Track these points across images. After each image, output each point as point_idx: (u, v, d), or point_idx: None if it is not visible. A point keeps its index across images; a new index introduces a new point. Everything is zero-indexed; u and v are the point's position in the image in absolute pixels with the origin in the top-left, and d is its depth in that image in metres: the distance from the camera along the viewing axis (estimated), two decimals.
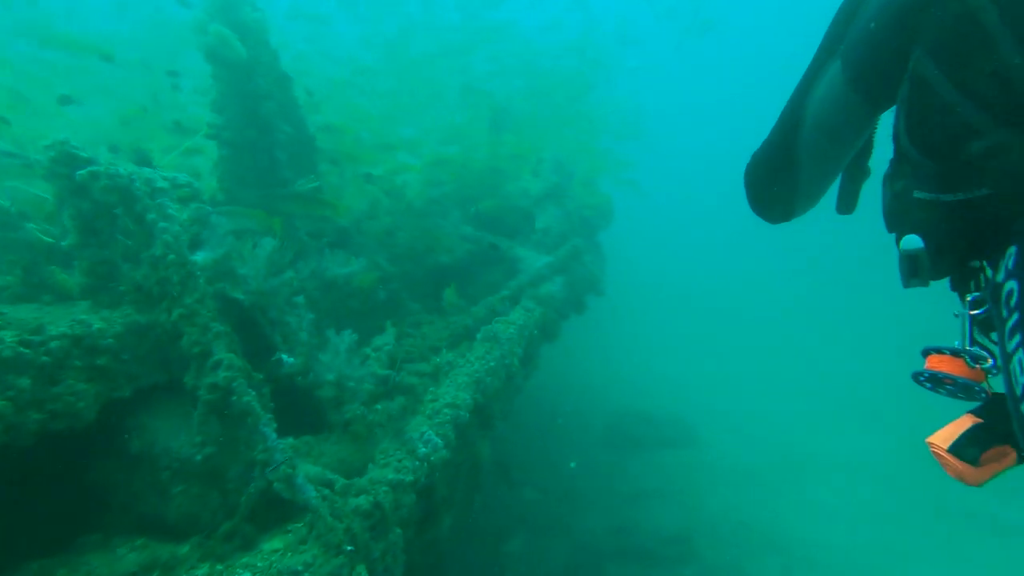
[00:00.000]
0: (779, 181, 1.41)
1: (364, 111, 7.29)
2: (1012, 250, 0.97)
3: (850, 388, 15.12)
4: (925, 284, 1.25)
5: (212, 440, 2.72)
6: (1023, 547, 8.11)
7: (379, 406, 3.47)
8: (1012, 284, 0.93)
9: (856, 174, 1.42)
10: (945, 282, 1.29)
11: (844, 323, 20.80)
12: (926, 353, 1.29)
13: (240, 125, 4.33)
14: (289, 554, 2.51)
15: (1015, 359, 0.90)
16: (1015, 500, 9.24)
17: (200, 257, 3.07)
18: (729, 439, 12.34)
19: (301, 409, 3.57)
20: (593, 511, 9.24)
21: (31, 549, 2.41)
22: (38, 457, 2.47)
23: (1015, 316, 0.90)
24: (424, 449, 3.15)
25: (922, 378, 1.27)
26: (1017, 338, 0.90)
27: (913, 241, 1.18)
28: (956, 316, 1.23)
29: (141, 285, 2.75)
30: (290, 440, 2.71)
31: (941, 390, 1.23)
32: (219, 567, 2.48)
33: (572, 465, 7.85)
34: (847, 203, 1.50)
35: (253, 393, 2.79)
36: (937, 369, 1.22)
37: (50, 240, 3.17)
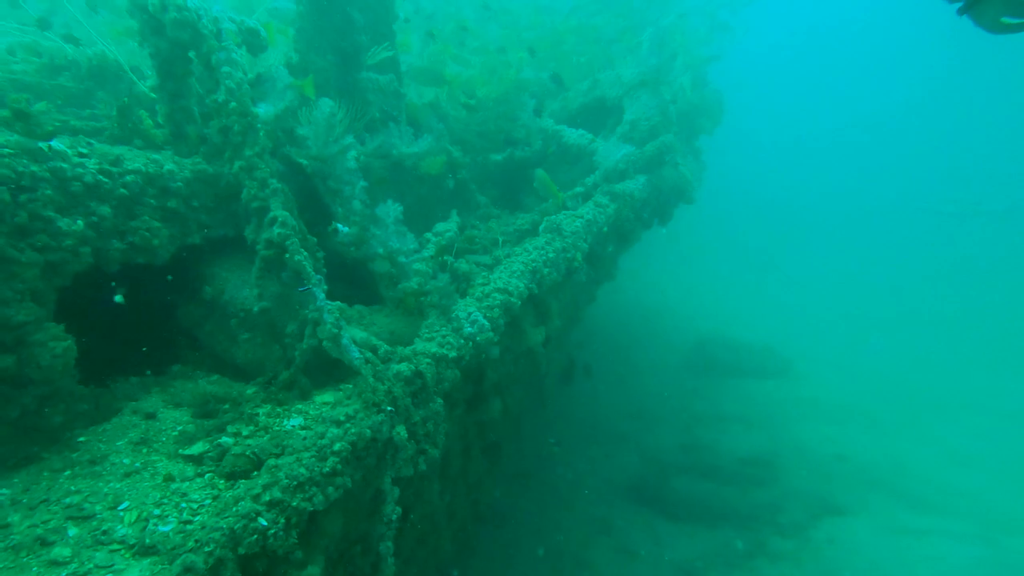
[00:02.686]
0: None
1: None
2: None
3: (982, 326, 12.80)
4: None
5: (269, 295, 2.87)
6: None
7: (430, 286, 3.46)
8: None
9: None
10: None
11: (979, 260, 17.31)
12: None
13: None
14: (338, 407, 2.66)
15: None
16: None
17: (261, 110, 3.07)
18: (833, 374, 11.26)
19: (359, 282, 3.68)
20: (666, 429, 9.12)
21: (134, 368, 2.80)
22: (131, 289, 2.77)
23: None
24: (470, 329, 3.10)
25: None
26: None
27: None
28: None
29: (206, 134, 2.83)
30: (339, 304, 2.79)
31: None
32: (279, 409, 2.70)
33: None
34: None
35: (305, 253, 2.85)
36: None
37: (145, 89, 3.34)
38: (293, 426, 2.46)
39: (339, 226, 3.35)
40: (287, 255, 2.81)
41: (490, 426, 3.97)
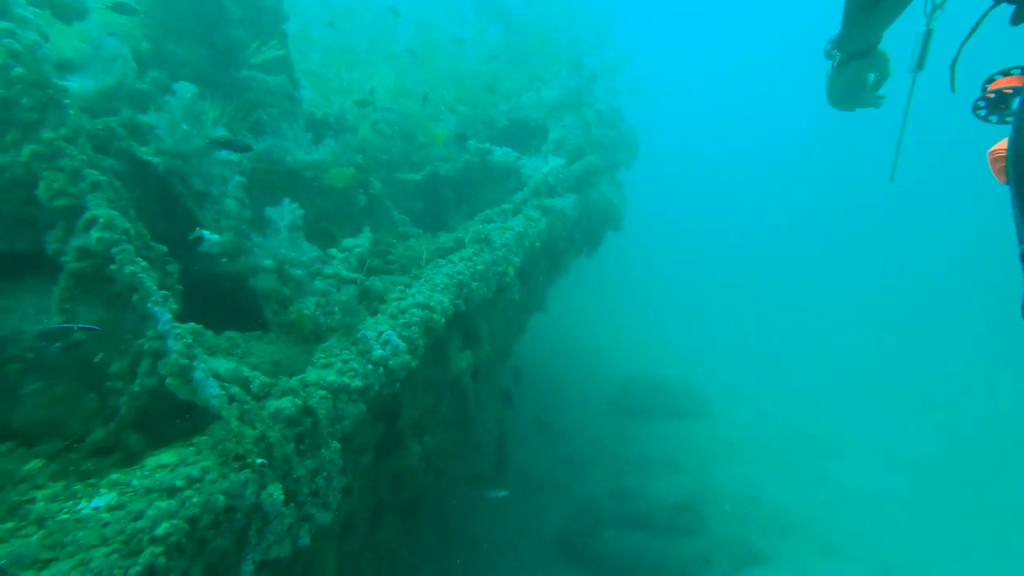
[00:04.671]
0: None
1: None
2: None
3: (881, 371, 14.36)
4: None
5: (82, 324, 2.04)
6: None
7: (336, 308, 2.76)
8: None
9: None
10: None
11: (875, 306, 19.80)
12: (989, 80, 1.51)
13: None
14: (179, 468, 1.85)
15: None
16: None
17: (75, 84, 2.30)
18: (745, 414, 11.74)
19: (238, 308, 2.88)
20: (595, 476, 8.78)
21: None
22: None
23: None
24: (381, 351, 2.44)
25: (982, 103, 1.51)
26: None
27: None
28: None
29: None
30: (194, 326, 2.03)
31: (994, 117, 1.46)
32: (78, 486, 1.80)
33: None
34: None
35: (143, 263, 2.08)
36: (1003, 85, 1.44)
37: None
38: (96, 508, 1.62)
39: (205, 233, 2.59)
40: (115, 267, 2.03)
41: (407, 478, 3.22)
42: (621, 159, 7.75)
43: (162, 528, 1.48)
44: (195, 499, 1.61)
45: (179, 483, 1.66)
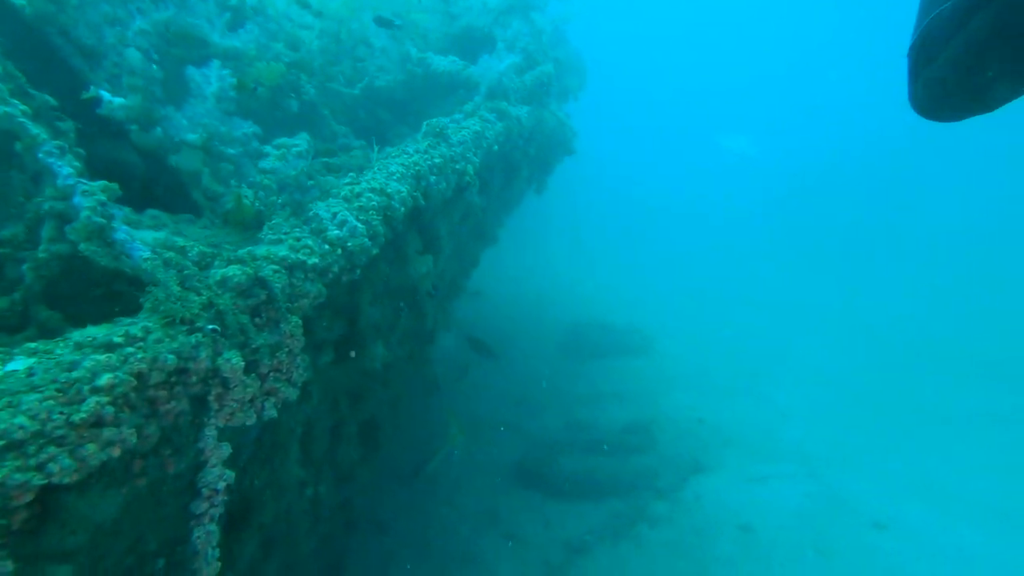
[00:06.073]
0: None
1: None
2: None
3: (813, 306, 15.73)
4: None
5: None
6: (975, 436, 8.70)
7: (280, 198, 2.51)
8: None
9: None
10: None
11: (804, 243, 21.42)
12: None
13: None
14: (115, 329, 1.62)
15: None
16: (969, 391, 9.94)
17: None
18: (687, 349, 12.59)
19: (154, 195, 2.55)
20: (549, 413, 9.15)
21: None
22: None
23: None
24: (337, 231, 2.26)
25: None
26: None
27: None
28: None
29: None
30: (105, 184, 1.74)
31: None
32: None
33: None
34: None
35: (22, 106, 1.75)
36: None
37: None
38: (13, 370, 1.39)
39: (102, 92, 2.21)
40: None
41: (368, 388, 3.11)
42: (569, 85, 7.62)
43: (104, 379, 1.30)
44: (139, 355, 1.42)
45: (117, 339, 1.46)
